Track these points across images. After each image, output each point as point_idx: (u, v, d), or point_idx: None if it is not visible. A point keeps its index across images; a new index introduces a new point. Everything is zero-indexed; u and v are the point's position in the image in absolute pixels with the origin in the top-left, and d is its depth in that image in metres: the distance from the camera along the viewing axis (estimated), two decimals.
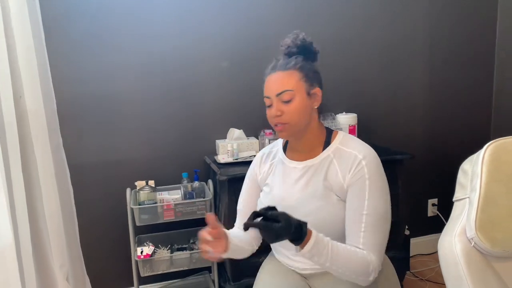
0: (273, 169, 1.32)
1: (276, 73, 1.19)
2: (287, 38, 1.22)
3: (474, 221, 0.97)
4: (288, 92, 1.16)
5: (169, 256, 2.04)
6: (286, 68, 1.18)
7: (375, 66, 2.46)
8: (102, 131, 2.11)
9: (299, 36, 1.21)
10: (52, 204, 1.80)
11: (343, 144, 1.22)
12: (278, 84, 1.18)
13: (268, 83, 1.21)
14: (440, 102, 2.62)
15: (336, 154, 1.20)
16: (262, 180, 1.34)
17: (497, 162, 1.00)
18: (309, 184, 1.21)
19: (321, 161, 1.21)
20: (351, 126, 2.29)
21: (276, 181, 1.28)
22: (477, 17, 2.58)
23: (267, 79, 1.22)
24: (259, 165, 1.36)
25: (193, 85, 2.19)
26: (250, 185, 1.37)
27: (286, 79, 1.17)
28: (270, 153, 1.36)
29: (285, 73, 1.18)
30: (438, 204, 2.71)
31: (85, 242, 2.09)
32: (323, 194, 1.18)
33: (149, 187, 2.00)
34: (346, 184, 1.16)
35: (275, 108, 1.18)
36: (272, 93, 1.19)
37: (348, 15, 2.35)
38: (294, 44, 1.21)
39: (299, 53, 1.20)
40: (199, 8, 2.14)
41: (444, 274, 1.03)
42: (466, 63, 2.61)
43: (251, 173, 1.38)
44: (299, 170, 1.24)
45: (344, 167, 1.17)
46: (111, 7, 2.03)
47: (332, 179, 1.18)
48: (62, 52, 1.99)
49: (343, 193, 1.17)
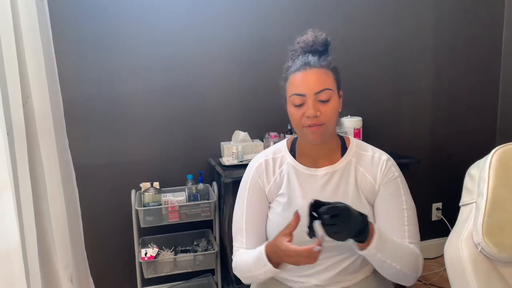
0: (285, 178, 1.20)
1: (312, 69, 1.09)
2: (308, 36, 1.14)
3: (481, 226, 0.96)
4: (328, 91, 1.09)
5: (173, 258, 2.04)
6: (321, 66, 1.10)
7: (380, 70, 2.46)
8: (108, 133, 2.12)
9: (322, 35, 1.14)
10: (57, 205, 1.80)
11: (360, 148, 1.21)
12: (317, 82, 1.08)
13: (303, 80, 1.09)
14: (445, 106, 2.61)
15: (357, 159, 1.18)
16: (272, 191, 1.21)
17: (504, 167, 0.99)
18: (339, 191, 1.16)
19: (344, 166, 1.17)
20: (356, 130, 2.29)
21: (296, 190, 1.18)
22: (483, 20, 2.57)
23: (297, 75, 1.10)
24: (264, 174, 1.22)
25: (198, 87, 2.20)
26: (257, 198, 1.21)
27: (324, 77, 1.09)
28: (273, 160, 1.23)
29: (321, 71, 1.09)
30: (442, 209, 2.70)
31: (89, 243, 2.09)
32: (354, 200, 1.15)
33: (153, 189, 2.00)
34: (378, 185, 1.16)
35: (312, 107, 1.07)
36: (310, 90, 1.08)
37: (353, 18, 2.35)
38: (318, 43, 1.13)
39: (322, 53, 1.14)
40: (204, 10, 2.15)
41: (451, 279, 1.03)
42: (472, 67, 2.61)
43: (254, 185, 1.22)
44: (321, 177, 1.17)
45: (371, 170, 1.17)
46: (117, 10, 2.04)
47: (362, 183, 1.16)
48: (69, 53, 2.00)
49: (373, 195, 1.17)
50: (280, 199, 1.19)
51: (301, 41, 1.15)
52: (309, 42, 1.13)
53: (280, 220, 1.15)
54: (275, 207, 1.20)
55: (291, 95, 1.11)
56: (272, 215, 1.20)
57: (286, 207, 1.17)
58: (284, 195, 1.18)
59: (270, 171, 1.22)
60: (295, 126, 1.14)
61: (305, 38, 1.14)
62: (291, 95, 1.11)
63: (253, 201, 1.21)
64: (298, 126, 1.12)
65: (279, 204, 1.19)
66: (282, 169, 1.21)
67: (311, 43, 1.13)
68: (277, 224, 1.14)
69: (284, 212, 1.16)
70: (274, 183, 1.21)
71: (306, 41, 1.14)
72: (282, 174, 1.21)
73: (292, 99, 1.11)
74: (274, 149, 1.26)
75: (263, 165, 1.22)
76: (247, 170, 1.26)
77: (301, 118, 1.10)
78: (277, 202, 1.20)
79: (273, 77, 2.30)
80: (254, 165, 1.25)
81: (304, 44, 1.14)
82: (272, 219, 1.20)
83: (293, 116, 1.12)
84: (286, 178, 1.19)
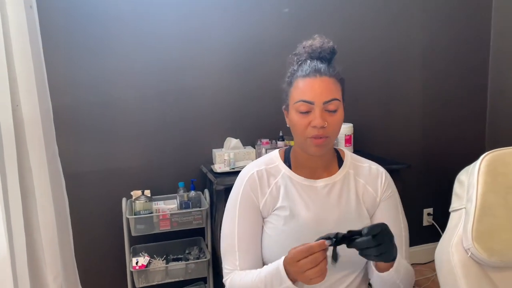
0: (281, 190, 1.11)
1: (322, 77, 1.02)
2: (315, 41, 1.08)
3: (471, 231, 0.97)
4: (336, 101, 1.03)
5: (164, 267, 2.02)
6: (331, 75, 1.04)
7: (371, 77, 2.48)
8: (98, 140, 2.10)
9: (329, 42, 1.09)
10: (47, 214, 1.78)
11: (356, 160, 1.18)
12: (327, 90, 1.02)
13: (312, 87, 1.02)
14: (435, 112, 2.64)
15: (355, 170, 1.15)
16: (268, 205, 1.11)
17: (493, 173, 1.01)
18: (341, 202, 1.11)
19: (343, 177, 1.13)
20: (347, 136, 2.30)
21: (297, 203, 1.10)
22: (472, 30, 2.62)
23: (306, 81, 1.03)
24: (257, 187, 1.11)
25: (189, 94, 2.20)
26: (249, 214, 1.10)
27: (334, 87, 1.03)
28: (266, 171, 1.13)
29: (331, 80, 1.03)
30: (434, 214, 2.72)
31: (80, 253, 2.06)
32: (356, 211, 1.11)
33: (145, 197, 1.99)
34: (379, 198, 1.14)
35: (320, 116, 1.00)
36: (319, 99, 1.01)
37: (344, 25, 2.38)
38: (325, 50, 1.07)
39: (329, 61, 1.08)
40: (196, 18, 2.16)
41: (441, 284, 1.04)
42: (461, 74, 2.65)
43: (246, 200, 1.11)
44: (321, 188, 1.11)
45: (372, 181, 1.14)
46: (107, 15, 2.04)
47: (364, 194, 1.13)
48: (59, 60, 1.99)
49: (374, 207, 1.14)
50: (280, 212, 1.10)
51: (307, 46, 1.08)
52: (316, 48, 1.07)
53: (281, 235, 1.08)
54: (273, 221, 1.10)
55: (297, 101, 1.03)
56: (271, 231, 1.10)
57: (289, 221, 1.08)
58: (285, 208, 1.10)
59: (264, 183, 1.12)
60: (298, 135, 1.06)
61: (313, 43, 1.08)
62: (297, 101, 1.03)
63: (245, 218, 1.10)
64: (301, 136, 1.04)
65: (279, 218, 1.10)
66: (277, 181, 1.12)
67: (319, 49, 1.07)
68: (278, 239, 1.08)
69: (286, 226, 1.08)
70: (270, 196, 1.11)
71: (314, 47, 1.07)
72: (277, 185, 1.12)
73: (297, 106, 1.03)
74: (266, 159, 1.17)
75: (256, 177, 1.12)
76: (237, 183, 1.14)
77: (306, 127, 1.02)
78: (276, 216, 1.10)
79: (265, 84, 2.34)
80: (244, 177, 1.13)
81: (311, 50, 1.07)
82: (271, 234, 1.10)
83: (297, 125, 1.04)
84: (283, 190, 1.11)
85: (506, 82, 2.58)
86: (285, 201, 1.10)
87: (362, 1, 2.40)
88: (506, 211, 0.98)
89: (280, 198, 1.11)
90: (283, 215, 1.09)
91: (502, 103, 2.61)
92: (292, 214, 1.08)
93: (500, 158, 1.02)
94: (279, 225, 1.09)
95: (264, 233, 1.11)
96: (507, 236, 0.97)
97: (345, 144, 2.31)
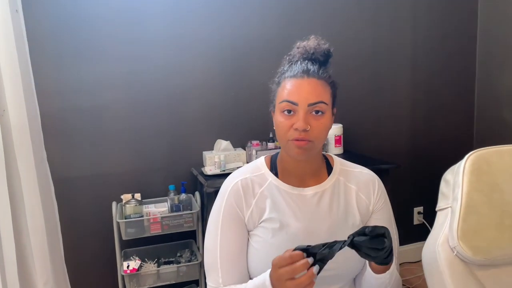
0: (268, 200, 1.05)
1: (310, 79, 0.99)
2: (310, 42, 1.04)
3: (456, 230, 0.99)
4: (322, 104, 0.98)
5: (156, 270, 2.02)
6: (320, 77, 1.00)
7: (359, 77, 2.50)
8: (88, 144, 2.09)
9: (325, 44, 1.05)
10: (36, 220, 1.77)
11: (345, 166, 1.13)
12: (313, 92, 0.98)
13: (298, 87, 0.98)
14: (424, 112, 2.67)
15: (345, 177, 1.10)
16: (254, 217, 1.04)
17: (478, 172, 1.02)
18: (332, 211, 1.06)
19: (332, 185, 1.08)
20: (337, 137, 2.32)
21: (286, 213, 1.04)
22: (459, 32, 2.65)
23: (292, 81, 1.00)
24: (242, 198, 1.04)
25: (179, 96, 2.19)
26: (233, 229, 1.04)
27: (322, 89, 0.99)
28: (252, 179, 1.07)
29: (320, 82, 0.99)
30: (424, 212, 2.74)
31: (70, 257, 2.06)
32: (347, 219, 1.06)
33: (135, 200, 1.98)
34: (372, 206, 1.09)
35: (303, 119, 0.96)
36: (304, 101, 0.97)
37: (333, 27, 2.39)
38: (319, 52, 1.03)
39: (322, 63, 1.04)
40: (185, 21, 2.15)
41: (428, 283, 1.05)
42: (449, 76, 2.68)
43: (229, 212, 1.04)
44: (310, 196, 1.06)
45: (364, 188, 1.10)
46: (95, 20, 2.03)
47: (358, 202, 1.08)
48: (46, 65, 1.98)
49: (367, 216, 1.09)
50: (267, 224, 1.04)
51: (301, 47, 1.04)
52: (310, 49, 1.02)
53: (269, 248, 1.01)
54: (261, 234, 1.04)
55: (281, 101, 0.99)
56: (259, 244, 1.03)
57: (277, 233, 1.02)
58: (273, 220, 1.03)
59: (249, 193, 1.05)
60: (280, 137, 1.01)
61: (306, 44, 1.04)
62: (281, 101, 0.99)
63: (228, 233, 1.03)
64: (283, 139, 1.00)
65: (267, 230, 1.03)
66: (264, 190, 1.06)
67: (312, 50, 1.02)
68: (266, 253, 1.01)
69: (274, 239, 1.02)
70: (255, 207, 1.04)
71: (307, 48, 1.03)
72: (264, 195, 1.05)
73: (281, 106, 0.99)
74: (251, 167, 1.10)
75: (240, 186, 1.05)
76: (220, 194, 1.08)
77: (288, 129, 0.98)
78: (263, 229, 1.04)
79: (255, 85, 2.35)
80: (228, 187, 1.06)
81: (304, 50, 1.03)
82: (259, 248, 1.03)
83: (279, 126, 1.00)
84: (270, 200, 1.05)
85: (493, 83, 2.62)
86: (273, 212, 1.03)
87: (352, 4, 2.42)
88: (490, 210, 1.00)
89: (267, 209, 1.04)
90: (271, 227, 1.03)
91: (489, 104, 2.65)
92: (281, 226, 1.02)
93: (484, 157, 1.04)
94: (267, 238, 1.02)
95: (251, 247, 1.04)
96: (491, 234, 0.99)
97: (335, 145, 2.32)
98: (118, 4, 2.05)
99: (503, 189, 1.01)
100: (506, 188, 1.01)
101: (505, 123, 2.54)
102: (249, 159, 2.17)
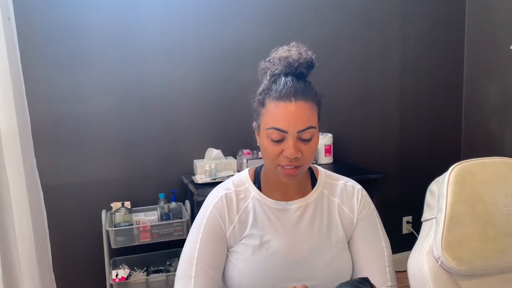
0: (250, 215, 1.03)
1: (298, 102, 0.92)
2: (292, 52, 0.97)
3: (441, 241, 1.01)
4: (312, 130, 0.94)
5: (145, 279, 2.01)
6: (307, 98, 0.94)
7: (349, 87, 2.53)
8: (78, 152, 2.08)
9: (308, 53, 0.98)
10: (24, 228, 1.75)
11: (330, 178, 1.10)
12: (301, 118, 0.92)
13: (286, 114, 0.92)
14: (412, 122, 2.71)
15: (329, 190, 1.08)
16: (235, 234, 1.02)
17: (462, 183, 1.05)
18: (314, 225, 1.03)
19: (316, 198, 1.06)
20: (327, 146, 2.34)
21: (266, 230, 1.02)
22: (446, 43, 2.70)
23: (279, 105, 0.93)
24: (225, 213, 1.02)
25: (170, 105, 2.20)
26: (215, 243, 1.01)
27: (310, 113, 0.94)
28: (236, 193, 1.04)
29: (308, 105, 0.93)
30: (413, 222, 2.77)
31: (58, 266, 2.04)
32: (330, 237, 1.04)
33: (125, 209, 1.98)
34: (356, 218, 1.07)
35: (293, 147, 0.92)
36: (294, 128, 0.92)
37: (321, 37, 2.42)
38: (303, 64, 0.96)
39: (305, 75, 0.98)
40: (175, 27, 2.17)
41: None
42: (436, 86, 2.73)
43: (212, 227, 1.01)
44: (293, 211, 1.03)
45: (347, 201, 1.07)
46: (86, 28, 2.04)
47: (341, 215, 1.06)
48: (37, 72, 1.98)
49: (351, 229, 1.07)
50: (248, 241, 1.01)
51: (283, 58, 0.96)
52: (293, 62, 0.95)
53: (250, 265, 0.99)
54: (241, 251, 1.02)
55: (269, 127, 0.93)
56: (239, 262, 1.01)
57: (257, 250, 1.00)
58: (254, 237, 1.01)
59: (233, 208, 1.03)
60: (268, 162, 0.97)
61: (288, 56, 0.96)
62: (269, 127, 0.93)
63: (208, 244, 1.01)
64: (272, 164, 0.96)
65: (247, 247, 1.01)
66: (247, 204, 1.03)
67: (296, 64, 0.95)
68: (246, 271, 1.00)
69: (255, 256, 1.00)
70: (238, 223, 1.02)
71: (290, 60, 0.95)
72: (247, 211, 1.03)
73: (269, 133, 0.93)
74: (235, 181, 1.07)
75: (224, 200, 1.03)
76: (204, 206, 1.05)
77: (277, 156, 0.94)
78: (243, 246, 1.02)
79: (246, 94, 2.34)
80: (212, 200, 1.04)
81: (287, 63, 0.96)
82: (239, 266, 1.01)
83: (267, 151, 0.95)
84: (252, 216, 1.02)
85: (480, 93, 2.67)
86: (254, 229, 1.02)
87: (340, 13, 2.46)
88: (473, 221, 1.02)
89: (249, 225, 1.02)
90: (251, 244, 1.01)
91: (477, 114, 2.70)
92: (261, 243, 1.00)
93: (467, 169, 1.06)
94: (248, 255, 1.00)
95: (230, 263, 1.02)
96: (475, 245, 1.01)
97: (325, 154, 2.34)
98: (109, 12, 2.06)
99: (486, 201, 1.03)
100: (488, 199, 1.03)
101: (492, 134, 2.59)
102: (240, 168, 2.18)
